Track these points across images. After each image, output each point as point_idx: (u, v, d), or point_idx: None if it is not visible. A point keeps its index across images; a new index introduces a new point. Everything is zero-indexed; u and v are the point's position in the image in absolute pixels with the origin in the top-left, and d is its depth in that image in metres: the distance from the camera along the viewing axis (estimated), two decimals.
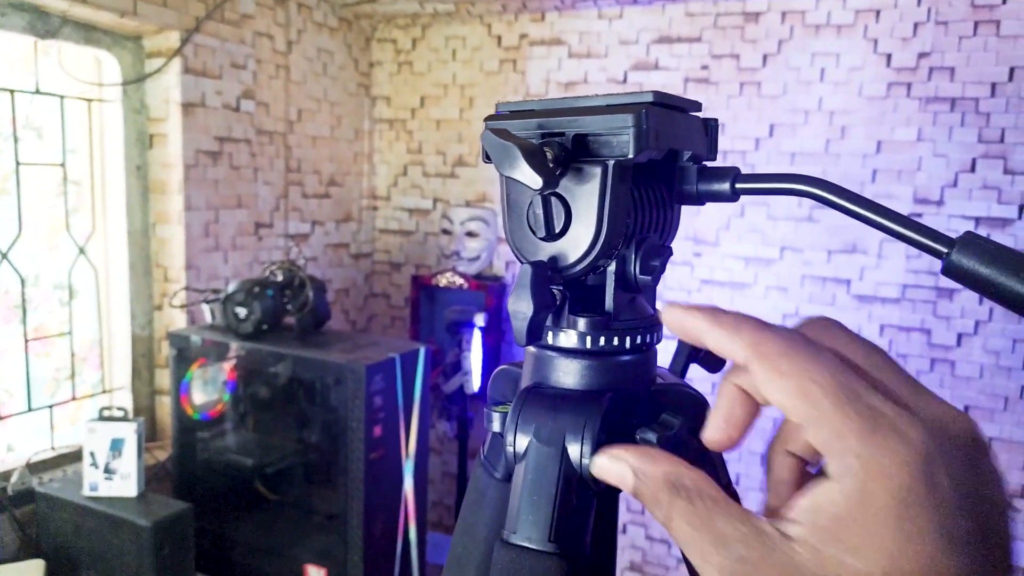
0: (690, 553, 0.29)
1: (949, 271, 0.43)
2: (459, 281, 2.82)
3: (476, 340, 2.71)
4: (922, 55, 2.23)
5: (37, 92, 2.05)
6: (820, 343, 0.29)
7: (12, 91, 1.98)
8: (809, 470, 0.31)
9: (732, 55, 2.47)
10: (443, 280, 2.85)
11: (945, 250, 0.42)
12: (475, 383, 2.73)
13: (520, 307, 0.42)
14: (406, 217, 3.13)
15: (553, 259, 0.45)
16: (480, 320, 2.69)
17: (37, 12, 1.95)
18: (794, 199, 2.42)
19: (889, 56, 2.26)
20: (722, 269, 2.55)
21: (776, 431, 0.33)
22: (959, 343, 2.28)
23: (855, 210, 0.46)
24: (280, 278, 2.16)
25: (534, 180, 0.39)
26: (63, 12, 1.98)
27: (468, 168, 2.96)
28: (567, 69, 2.72)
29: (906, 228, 0.45)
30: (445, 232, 2.92)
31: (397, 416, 2.02)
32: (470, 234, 2.85)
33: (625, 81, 2.62)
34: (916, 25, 2.22)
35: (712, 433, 0.33)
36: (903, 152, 2.28)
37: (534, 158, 0.39)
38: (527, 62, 2.79)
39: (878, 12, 2.26)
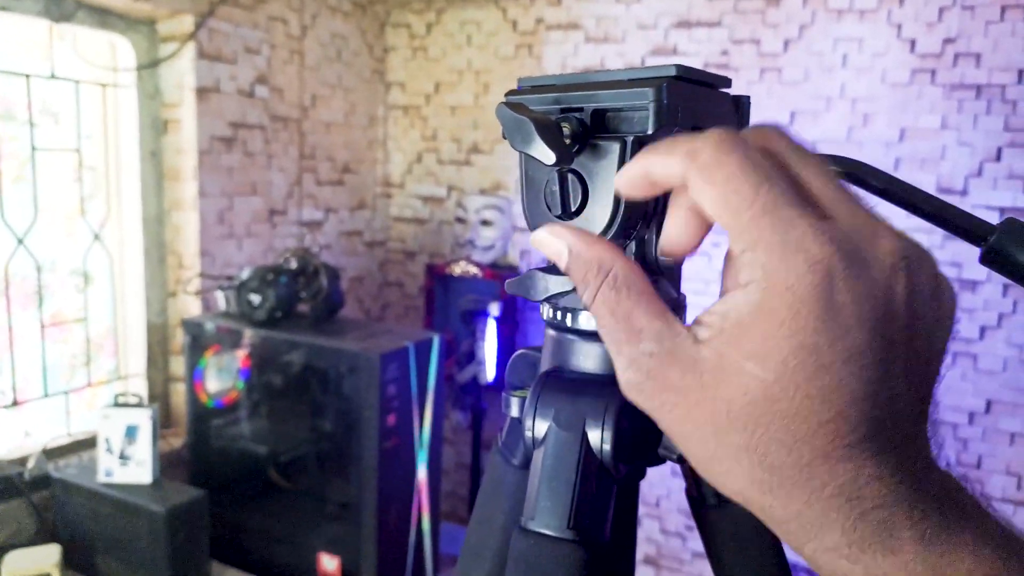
0: (606, 339, 0.30)
1: (988, 259, 0.40)
2: (474, 270, 2.80)
3: (491, 330, 2.70)
4: (947, 40, 2.17)
5: (52, 77, 2.05)
6: (759, 149, 0.28)
7: (28, 76, 1.98)
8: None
9: (753, 40, 2.42)
10: (457, 269, 2.84)
11: (984, 236, 0.40)
12: (489, 373, 2.72)
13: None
14: (420, 205, 3.12)
15: None
16: (495, 309, 2.68)
17: None
18: None
19: (913, 42, 2.21)
20: None
21: None
22: (982, 336, 2.23)
23: (889, 192, 0.43)
24: (294, 265, 2.16)
25: (547, 156, 0.37)
26: None
27: (483, 155, 2.94)
28: (584, 54, 2.69)
29: (942, 212, 0.42)
30: (460, 220, 2.90)
31: (411, 405, 2.02)
32: (485, 222, 2.83)
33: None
34: (941, 10, 2.17)
35: (665, 241, 0.34)
36: (927, 140, 2.24)
37: (548, 132, 0.37)
38: (543, 47, 2.76)
39: None
